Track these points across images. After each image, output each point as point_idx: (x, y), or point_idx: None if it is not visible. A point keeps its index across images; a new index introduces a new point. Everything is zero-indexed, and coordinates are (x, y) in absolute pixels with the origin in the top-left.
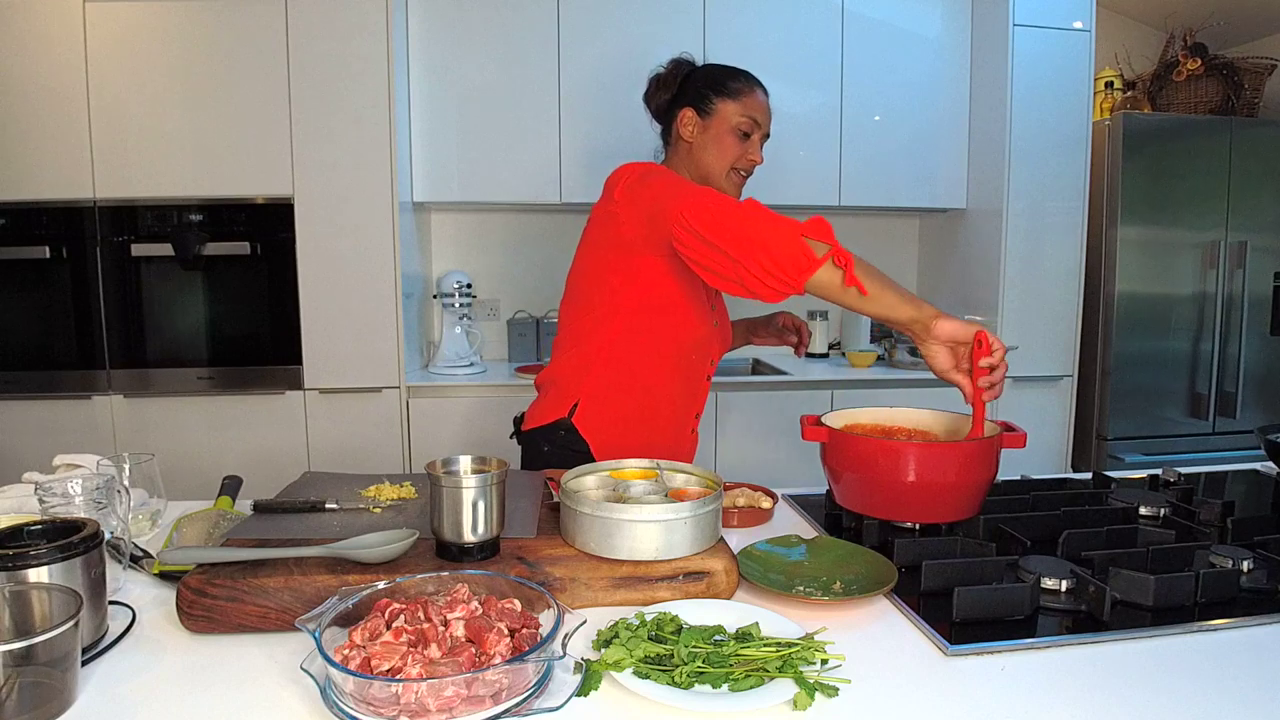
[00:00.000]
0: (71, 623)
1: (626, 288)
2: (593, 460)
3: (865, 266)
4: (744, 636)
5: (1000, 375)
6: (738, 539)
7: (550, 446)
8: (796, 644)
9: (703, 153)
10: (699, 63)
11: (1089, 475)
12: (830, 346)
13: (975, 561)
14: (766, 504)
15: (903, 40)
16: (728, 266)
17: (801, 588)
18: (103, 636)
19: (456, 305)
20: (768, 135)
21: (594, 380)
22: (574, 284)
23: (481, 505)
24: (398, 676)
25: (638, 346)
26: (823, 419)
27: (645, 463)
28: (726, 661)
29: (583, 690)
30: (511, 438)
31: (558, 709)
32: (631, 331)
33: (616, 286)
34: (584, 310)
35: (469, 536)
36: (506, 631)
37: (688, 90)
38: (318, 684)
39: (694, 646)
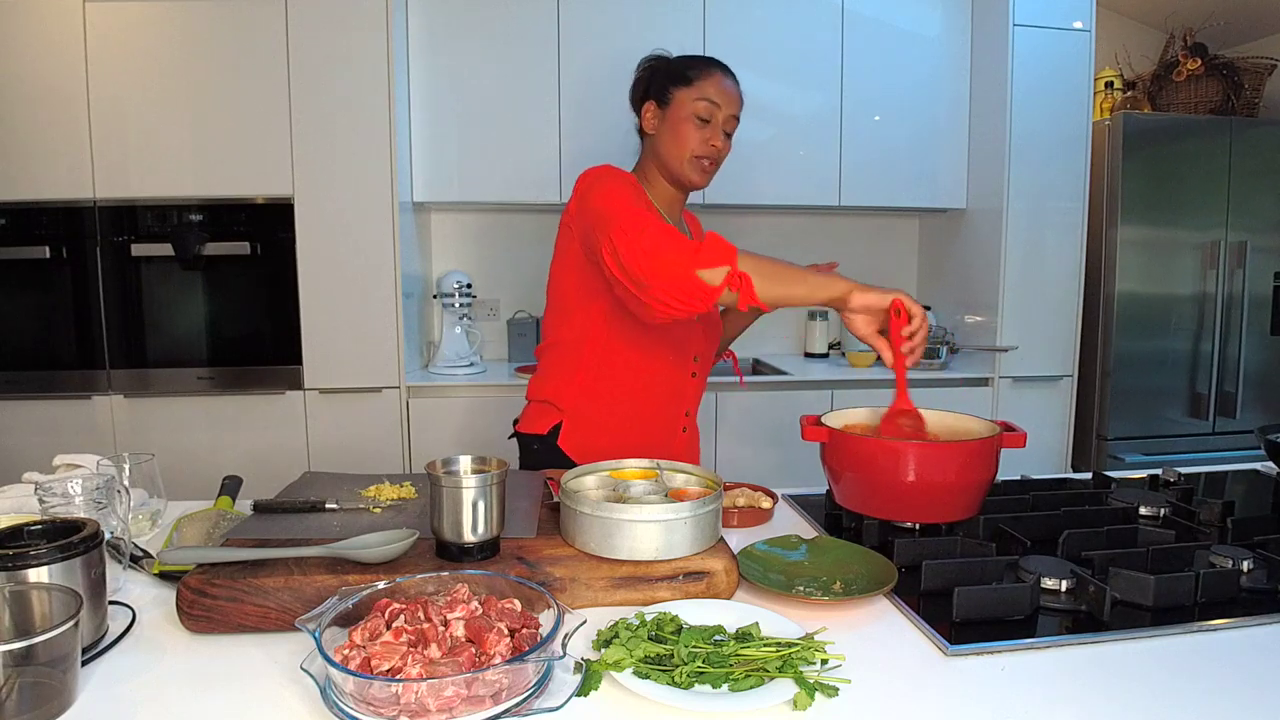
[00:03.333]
0: (71, 623)
1: (593, 295)
2: None
3: (767, 270)
4: (744, 636)
5: (919, 340)
6: (738, 539)
7: (539, 446)
8: (796, 644)
9: (661, 143)
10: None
11: (1089, 475)
12: (830, 346)
13: (975, 561)
14: (766, 504)
15: (903, 40)
16: (636, 303)
17: (801, 588)
18: (103, 636)
19: (456, 305)
20: (735, 118)
21: (574, 393)
22: (549, 292)
23: (481, 505)
24: (398, 676)
25: (612, 353)
26: (823, 419)
27: (645, 463)
28: (726, 661)
29: (583, 690)
30: (510, 438)
31: (558, 709)
32: (605, 338)
33: (584, 294)
34: (559, 319)
35: (469, 536)
36: (506, 631)
37: (651, 84)
38: (318, 684)
39: (694, 646)
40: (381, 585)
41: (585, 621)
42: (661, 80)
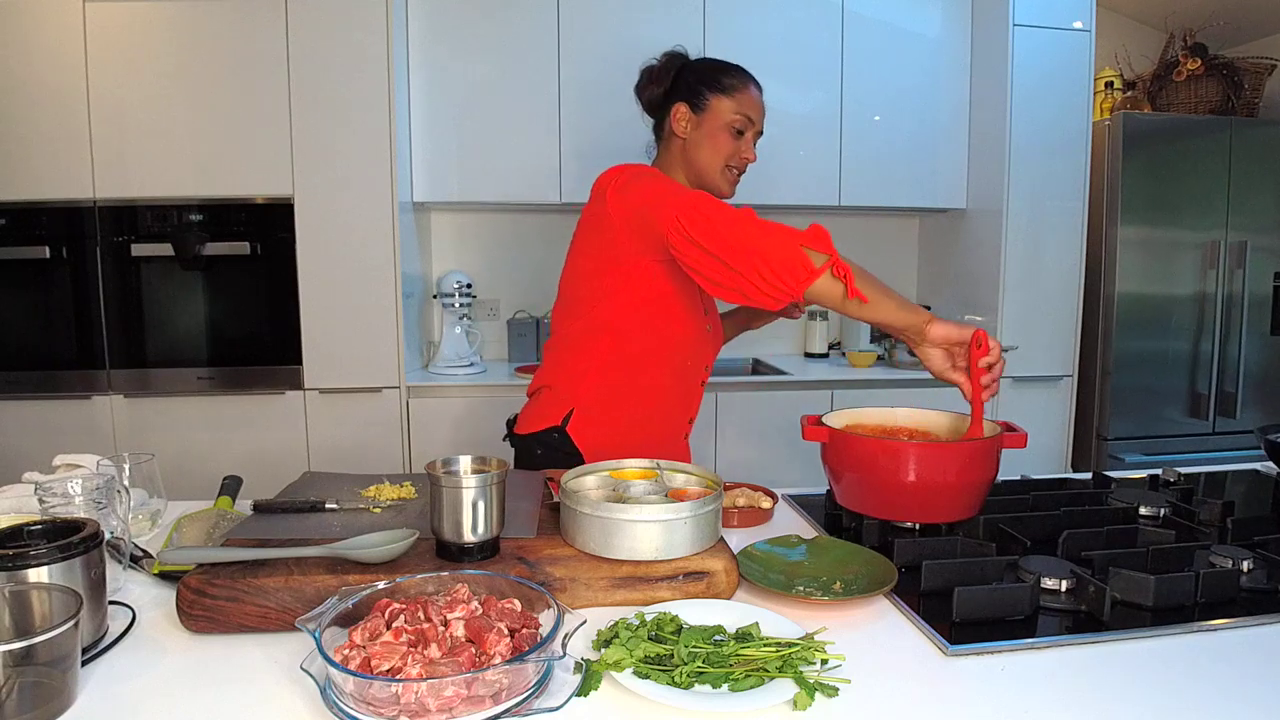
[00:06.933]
0: (71, 623)
1: (620, 292)
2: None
3: (863, 275)
4: (744, 636)
5: (998, 373)
6: (738, 539)
7: (543, 450)
8: (796, 644)
9: (696, 150)
10: (694, 56)
11: (1089, 475)
12: (830, 346)
13: (975, 561)
14: (766, 504)
15: (903, 40)
16: (726, 275)
17: (801, 588)
18: (103, 636)
19: (456, 305)
20: (761, 132)
21: (589, 387)
22: (566, 288)
23: (481, 505)
24: (398, 676)
25: (632, 352)
26: (823, 419)
27: (645, 463)
28: (726, 661)
29: (583, 690)
30: (504, 440)
31: (558, 709)
32: (626, 336)
33: (610, 291)
34: (577, 315)
35: (469, 536)
36: (506, 631)
37: (681, 85)
38: (318, 684)
39: (694, 646)
40: (381, 585)
41: (585, 621)
42: (696, 84)
